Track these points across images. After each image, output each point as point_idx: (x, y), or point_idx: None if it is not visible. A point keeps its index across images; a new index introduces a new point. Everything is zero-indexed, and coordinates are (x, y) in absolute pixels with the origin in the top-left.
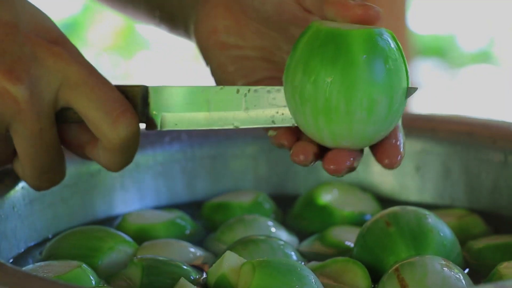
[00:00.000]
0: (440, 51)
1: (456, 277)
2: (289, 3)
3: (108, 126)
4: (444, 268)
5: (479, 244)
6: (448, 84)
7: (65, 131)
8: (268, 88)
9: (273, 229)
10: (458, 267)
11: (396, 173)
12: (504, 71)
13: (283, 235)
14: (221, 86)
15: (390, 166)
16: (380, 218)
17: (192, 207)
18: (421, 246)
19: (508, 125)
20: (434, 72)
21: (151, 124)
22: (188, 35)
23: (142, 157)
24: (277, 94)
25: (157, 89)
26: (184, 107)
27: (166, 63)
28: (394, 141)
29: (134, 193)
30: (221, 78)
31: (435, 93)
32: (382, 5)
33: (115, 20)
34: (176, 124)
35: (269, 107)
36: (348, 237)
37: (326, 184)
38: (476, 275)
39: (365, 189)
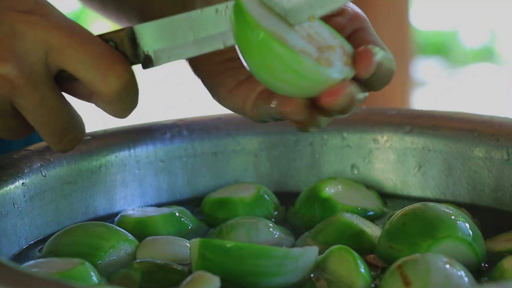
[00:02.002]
0: (443, 48)
1: (459, 274)
2: None
3: (99, 82)
4: (447, 266)
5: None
6: (450, 81)
7: (71, 88)
8: None
9: (270, 230)
10: (461, 265)
11: (398, 170)
12: (506, 68)
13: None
14: (200, 10)
15: (364, 71)
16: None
17: (193, 204)
18: None
19: (510, 122)
20: (436, 69)
21: (146, 62)
22: None
23: (143, 153)
24: None
25: (142, 27)
26: (172, 39)
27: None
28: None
29: (135, 190)
30: (213, 84)
31: (437, 90)
32: (385, 2)
33: None
34: (169, 57)
35: None
36: None
37: (330, 179)
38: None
39: (367, 185)
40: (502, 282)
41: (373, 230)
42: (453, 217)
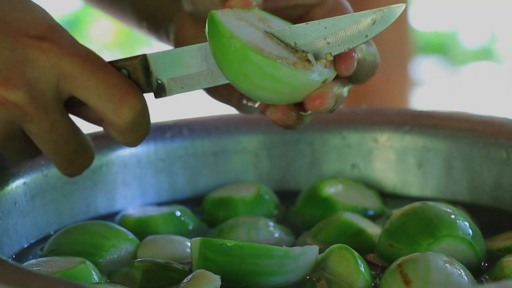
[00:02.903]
0: (442, 48)
1: (459, 274)
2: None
3: (112, 113)
4: (447, 265)
5: (497, 244)
6: (450, 81)
7: (82, 112)
8: None
9: (270, 229)
10: (461, 264)
11: (398, 169)
12: (506, 68)
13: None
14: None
15: (346, 72)
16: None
17: (194, 203)
18: None
19: (510, 122)
20: (436, 69)
21: (158, 91)
22: (172, 45)
23: (143, 153)
24: None
25: (156, 56)
26: (186, 68)
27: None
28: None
29: (136, 189)
30: None
31: (437, 90)
32: (383, 2)
33: None
34: (182, 88)
35: None
36: None
37: (330, 178)
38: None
39: (367, 185)
40: (501, 281)
41: (373, 229)
42: (453, 216)
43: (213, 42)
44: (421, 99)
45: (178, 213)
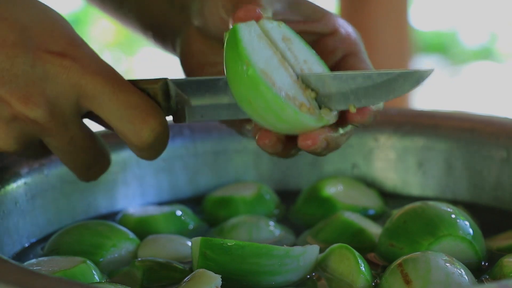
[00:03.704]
0: (442, 47)
1: (459, 273)
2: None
3: (132, 135)
4: (448, 264)
5: (498, 243)
6: (450, 80)
7: (99, 121)
8: None
9: (271, 229)
10: (461, 263)
11: (398, 169)
12: (506, 67)
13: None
14: None
15: (360, 122)
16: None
17: (194, 203)
18: None
19: (510, 121)
20: (436, 68)
21: (177, 117)
22: (178, 57)
23: None
24: None
25: (177, 82)
26: (206, 99)
27: (167, 60)
28: None
29: (136, 189)
30: None
31: (437, 89)
32: (384, 2)
33: None
34: (202, 116)
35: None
36: None
37: (331, 178)
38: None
39: (368, 184)
40: (502, 280)
41: (373, 229)
42: (453, 215)
43: (228, 57)
44: (421, 99)
45: (178, 213)
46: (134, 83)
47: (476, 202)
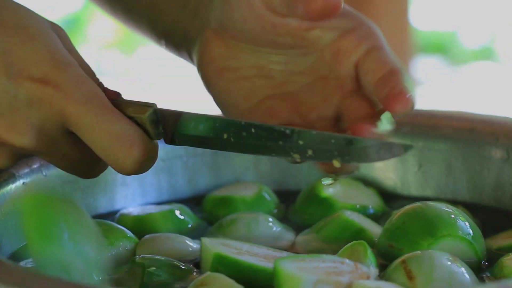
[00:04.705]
0: (442, 47)
1: (462, 272)
2: (265, 14)
3: (115, 165)
4: (451, 263)
5: (498, 242)
6: (450, 80)
7: None
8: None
9: (270, 224)
10: (464, 263)
11: (398, 169)
12: (506, 67)
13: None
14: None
15: (403, 109)
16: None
17: (194, 203)
18: None
19: (510, 121)
20: (436, 68)
21: (168, 141)
22: (195, 65)
23: None
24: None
25: (166, 112)
26: (194, 131)
27: (166, 60)
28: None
29: (136, 189)
30: (224, 103)
31: (437, 89)
32: (385, 2)
33: None
34: (192, 143)
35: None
36: None
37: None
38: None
39: (368, 184)
40: (502, 280)
41: (373, 229)
42: (453, 216)
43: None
44: (421, 98)
45: (177, 211)
46: (122, 108)
47: (475, 202)
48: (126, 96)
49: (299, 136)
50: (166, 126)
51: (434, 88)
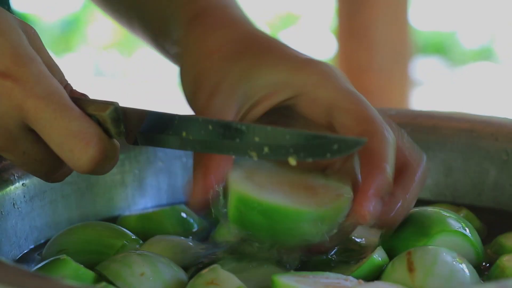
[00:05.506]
0: (442, 48)
1: (464, 272)
2: None
3: (70, 162)
4: (454, 261)
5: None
6: (449, 81)
7: None
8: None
9: None
10: (470, 265)
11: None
12: (506, 68)
13: None
14: (188, 115)
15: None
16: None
17: None
18: None
19: (510, 122)
20: (436, 69)
21: (129, 140)
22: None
23: (142, 154)
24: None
25: (126, 110)
26: (155, 129)
27: (164, 61)
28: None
29: (135, 190)
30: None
31: (437, 90)
32: (384, 2)
33: None
34: (153, 143)
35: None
36: None
37: None
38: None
39: None
40: (501, 281)
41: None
42: (442, 213)
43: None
44: (421, 99)
45: (179, 210)
46: (84, 106)
47: (475, 203)
48: (126, 96)
49: (255, 132)
50: (128, 125)
51: (433, 88)
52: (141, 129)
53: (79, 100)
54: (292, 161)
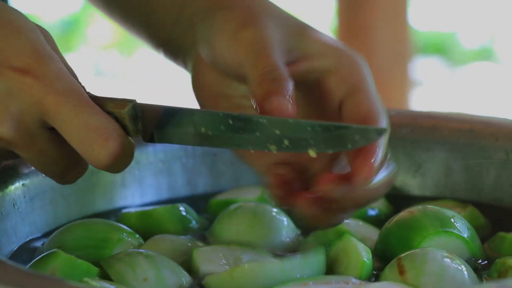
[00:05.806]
0: (441, 48)
1: (456, 267)
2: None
3: (89, 157)
4: (446, 259)
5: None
6: (449, 81)
7: None
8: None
9: (274, 213)
10: (463, 261)
11: (397, 170)
12: (505, 68)
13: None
14: (206, 111)
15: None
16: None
17: (193, 204)
18: None
19: (509, 122)
20: (435, 69)
21: (146, 138)
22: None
23: (142, 154)
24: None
25: (145, 107)
26: (173, 126)
27: (164, 61)
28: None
29: (135, 190)
30: None
31: (436, 90)
32: (384, 2)
33: None
34: (170, 140)
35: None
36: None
37: None
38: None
39: None
40: (501, 280)
41: (372, 237)
42: (425, 217)
43: None
44: (421, 99)
45: (180, 207)
46: (102, 104)
47: (475, 203)
48: (126, 96)
49: (276, 125)
50: (145, 122)
51: (433, 89)
52: (158, 126)
53: (97, 98)
54: (312, 153)
